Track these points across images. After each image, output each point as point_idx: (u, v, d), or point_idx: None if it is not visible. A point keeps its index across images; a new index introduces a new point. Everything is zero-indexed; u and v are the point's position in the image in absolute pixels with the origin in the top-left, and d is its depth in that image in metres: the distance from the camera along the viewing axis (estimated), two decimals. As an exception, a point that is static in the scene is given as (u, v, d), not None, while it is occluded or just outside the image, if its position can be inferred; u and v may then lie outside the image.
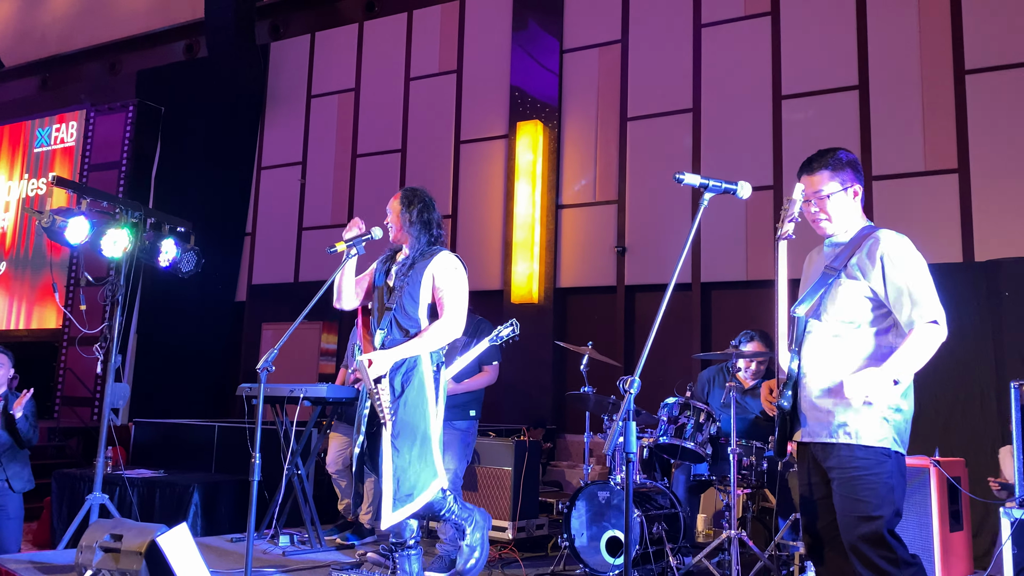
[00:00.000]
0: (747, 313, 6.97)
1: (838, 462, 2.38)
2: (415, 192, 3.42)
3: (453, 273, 3.27)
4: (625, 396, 2.02)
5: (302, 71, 9.78)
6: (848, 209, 2.54)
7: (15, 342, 10.40)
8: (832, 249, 2.57)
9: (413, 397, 3.10)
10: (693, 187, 2.19)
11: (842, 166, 2.54)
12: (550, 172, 7.95)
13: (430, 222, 3.36)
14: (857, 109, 6.85)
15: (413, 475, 3.02)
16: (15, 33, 12.16)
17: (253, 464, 2.75)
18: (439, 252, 3.30)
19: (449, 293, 3.23)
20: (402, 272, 3.29)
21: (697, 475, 3.91)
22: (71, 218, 3.99)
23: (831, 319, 2.45)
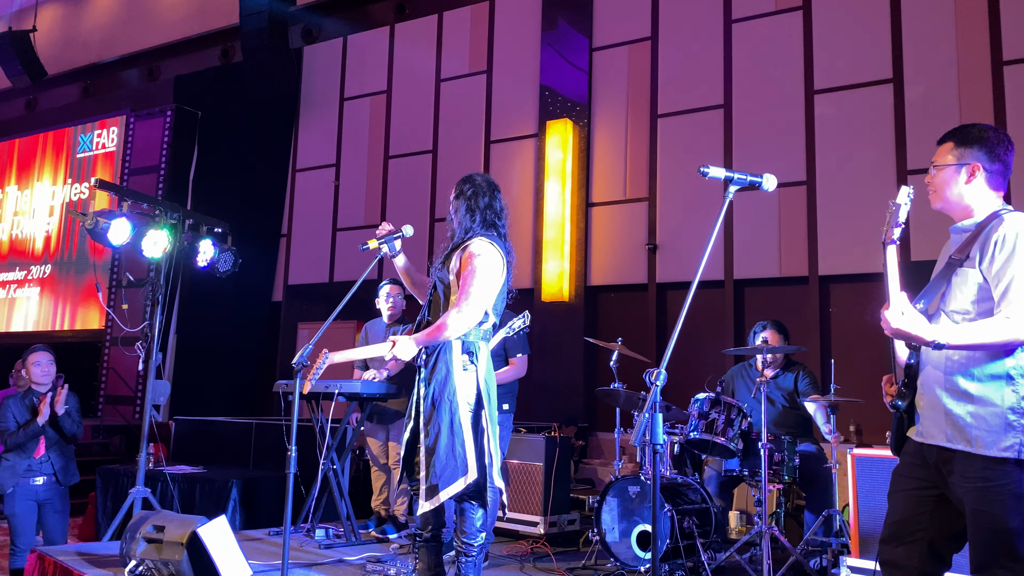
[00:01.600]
0: (780, 309, 6.92)
1: (960, 470, 2.21)
2: (468, 177, 3.34)
3: (478, 257, 3.11)
4: (651, 389, 2.01)
5: (335, 74, 9.90)
6: (959, 189, 2.36)
7: (60, 343, 10.68)
8: (959, 236, 2.39)
9: (440, 385, 3.08)
10: (718, 180, 2.18)
11: (969, 142, 2.37)
12: (580, 170, 7.97)
13: (479, 208, 3.25)
14: (892, 102, 6.76)
15: (439, 467, 3.02)
16: (58, 42, 12.48)
17: (289, 457, 2.82)
18: (477, 236, 3.19)
19: (468, 277, 3.10)
20: (442, 256, 3.24)
21: (728, 471, 3.90)
22: (113, 220, 4.12)
23: (949, 311, 2.30)
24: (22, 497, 4.19)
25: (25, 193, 11.93)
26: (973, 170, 2.34)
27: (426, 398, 3.10)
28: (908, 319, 2.14)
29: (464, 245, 3.18)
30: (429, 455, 3.04)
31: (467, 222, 3.23)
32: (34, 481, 4.23)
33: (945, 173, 2.37)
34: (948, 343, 2.16)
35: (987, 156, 2.34)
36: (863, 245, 6.62)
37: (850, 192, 6.75)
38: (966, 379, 2.22)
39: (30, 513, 4.21)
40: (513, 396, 4.19)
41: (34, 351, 4.44)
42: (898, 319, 2.14)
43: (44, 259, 11.30)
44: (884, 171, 6.63)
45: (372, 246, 3.23)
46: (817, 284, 6.91)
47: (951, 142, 2.40)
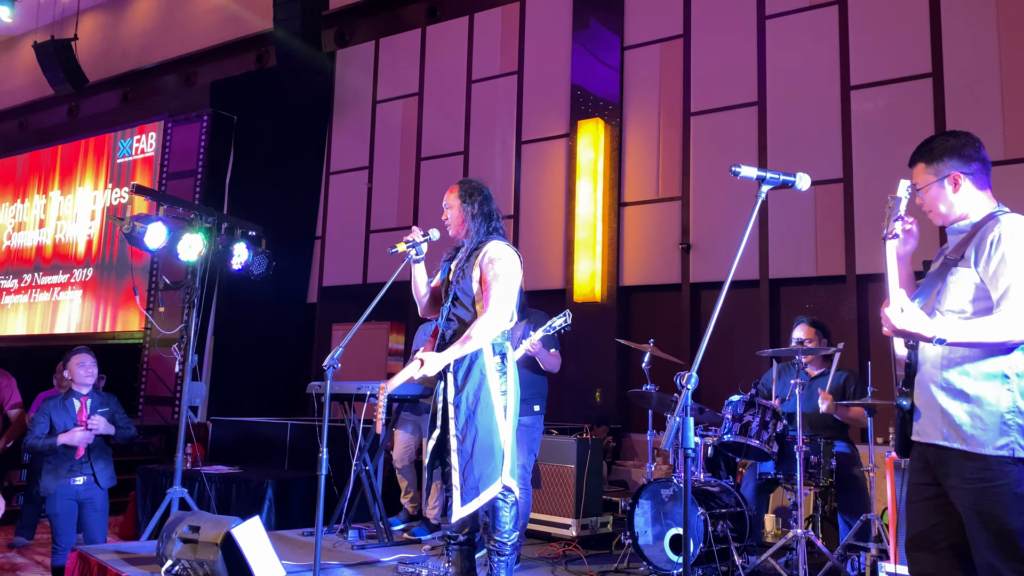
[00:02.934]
0: (816, 309, 6.82)
1: (957, 471, 2.19)
2: (473, 184, 3.34)
3: (498, 262, 3.14)
4: (682, 391, 1.99)
5: (367, 77, 9.98)
6: (950, 200, 2.37)
7: (101, 344, 10.91)
8: (955, 237, 2.40)
9: (475, 390, 3.08)
10: (750, 179, 2.15)
11: (938, 155, 2.40)
12: (612, 170, 7.92)
13: (491, 214, 3.28)
14: (931, 97, 6.61)
15: (478, 469, 3.01)
16: (99, 50, 12.75)
17: (320, 458, 2.84)
18: (490, 240, 3.21)
19: (492, 282, 3.12)
20: (459, 265, 3.24)
21: (763, 474, 3.84)
22: (150, 224, 4.18)
23: (944, 310, 2.31)
24: (63, 497, 4.24)
25: (68, 198, 12.21)
26: (955, 179, 2.37)
27: (459, 403, 3.10)
28: (908, 316, 2.14)
29: (481, 251, 3.20)
30: (466, 459, 3.04)
31: (481, 228, 3.26)
32: (75, 481, 4.27)
33: (931, 191, 2.41)
34: (949, 339, 2.16)
35: (961, 161, 2.37)
36: (902, 243, 6.48)
37: (888, 189, 6.57)
38: (962, 377, 2.22)
39: (71, 513, 4.26)
40: (543, 397, 4.18)
41: (77, 352, 4.47)
42: (898, 316, 2.14)
43: (86, 262, 11.55)
44: (924, 167, 6.48)
45: (400, 250, 3.25)
46: (855, 283, 6.79)
47: (921, 163, 2.44)
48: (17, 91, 13.95)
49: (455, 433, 3.07)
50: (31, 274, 12.38)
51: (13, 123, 14.15)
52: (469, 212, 3.28)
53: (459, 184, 3.37)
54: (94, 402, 4.43)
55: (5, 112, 14.17)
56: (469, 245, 3.26)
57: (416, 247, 3.30)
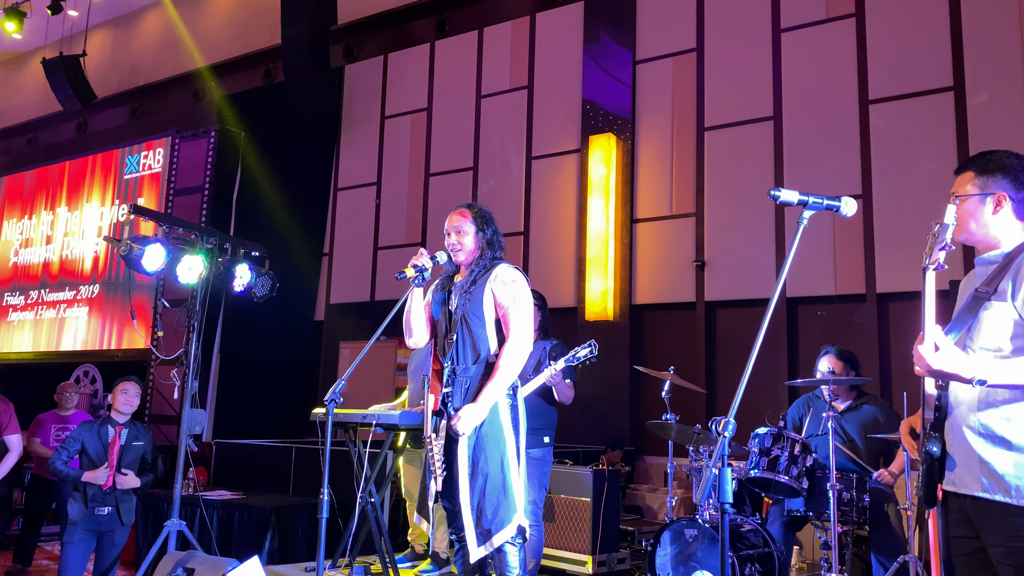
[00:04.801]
0: (836, 329, 6.64)
1: (999, 527, 1.99)
2: (486, 211, 3.24)
3: (513, 285, 3.06)
4: (719, 440, 1.80)
5: (376, 92, 9.88)
6: (985, 220, 2.19)
7: (107, 362, 10.80)
8: (984, 268, 2.24)
9: (486, 428, 2.94)
10: (790, 204, 1.98)
11: (991, 170, 2.21)
12: (624, 186, 7.77)
13: (500, 243, 3.20)
14: (953, 111, 6.44)
15: (491, 509, 2.86)
16: (108, 66, 12.73)
17: (321, 500, 2.67)
18: (497, 264, 3.12)
19: (513, 308, 3.03)
20: (463, 291, 3.09)
21: (792, 511, 3.63)
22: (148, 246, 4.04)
23: (977, 348, 2.12)
24: (84, 528, 4.12)
25: (75, 214, 12.14)
26: (999, 200, 2.19)
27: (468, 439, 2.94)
28: (944, 356, 1.95)
29: (491, 275, 3.08)
30: (479, 498, 2.88)
31: (489, 253, 3.16)
32: (99, 511, 4.15)
33: (968, 204, 2.21)
34: (990, 381, 1.96)
35: (1012, 184, 2.20)
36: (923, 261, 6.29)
37: (908, 206, 6.44)
38: (1004, 423, 2.01)
39: (87, 543, 4.14)
40: (553, 428, 4.00)
41: (124, 379, 4.40)
42: (933, 356, 1.95)
43: (92, 279, 11.46)
44: (945, 184, 6.25)
45: (409, 274, 3.10)
46: (875, 302, 6.60)
47: (971, 171, 2.25)
48: (26, 107, 13.94)
49: (465, 471, 2.92)
50: (37, 291, 12.30)
51: (22, 139, 14.13)
52: (483, 240, 3.17)
53: (470, 208, 3.24)
54: (130, 433, 4.33)
55: (14, 128, 14.16)
56: (475, 271, 3.14)
57: (424, 272, 3.14)
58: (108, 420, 4.30)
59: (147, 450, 4.42)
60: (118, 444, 4.23)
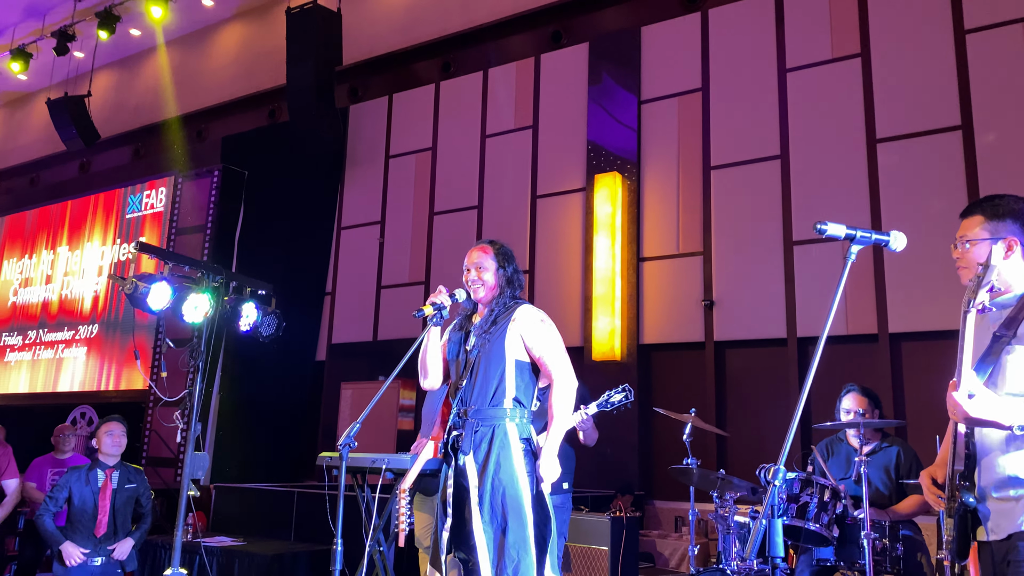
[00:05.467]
0: (848, 369, 6.52)
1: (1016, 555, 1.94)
2: (507, 249, 3.16)
3: (543, 325, 2.99)
4: (768, 488, 1.68)
5: (380, 132, 9.89)
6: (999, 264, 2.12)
7: (104, 403, 10.62)
8: (999, 312, 2.20)
9: (502, 476, 2.80)
10: (838, 239, 1.91)
11: (1001, 215, 2.22)
12: (630, 224, 7.72)
13: (521, 282, 3.12)
14: (962, 150, 6.43)
15: (512, 565, 2.72)
16: (111, 106, 12.78)
17: (334, 552, 2.53)
18: (520, 305, 3.01)
19: (549, 350, 2.97)
20: (483, 332, 2.98)
21: (822, 560, 3.48)
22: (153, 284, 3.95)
23: (1004, 392, 2.05)
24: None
25: (76, 253, 12.07)
26: (1010, 245, 2.20)
27: (483, 488, 2.80)
28: (982, 403, 1.91)
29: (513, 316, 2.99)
30: (498, 555, 2.74)
31: (509, 291, 3.08)
32: (93, 562, 3.95)
33: (979, 248, 2.22)
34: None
35: (1022, 229, 2.22)
36: (936, 300, 6.22)
37: (919, 245, 6.34)
38: None
39: None
40: (572, 473, 3.87)
41: (108, 420, 4.24)
42: (969, 404, 1.91)
43: (91, 319, 11.35)
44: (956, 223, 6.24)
45: (428, 312, 2.99)
46: (887, 342, 6.51)
47: (979, 215, 2.27)
48: (29, 147, 13.96)
49: (480, 526, 2.77)
50: (36, 331, 12.17)
51: (24, 179, 14.12)
52: (504, 277, 3.08)
53: (492, 245, 3.15)
54: (121, 475, 4.14)
55: (17, 168, 14.16)
56: (496, 310, 3.03)
57: (443, 310, 3.04)
58: (97, 464, 4.12)
59: (140, 492, 4.23)
60: (110, 488, 4.05)
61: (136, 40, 12.44)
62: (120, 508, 4.10)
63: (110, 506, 4.05)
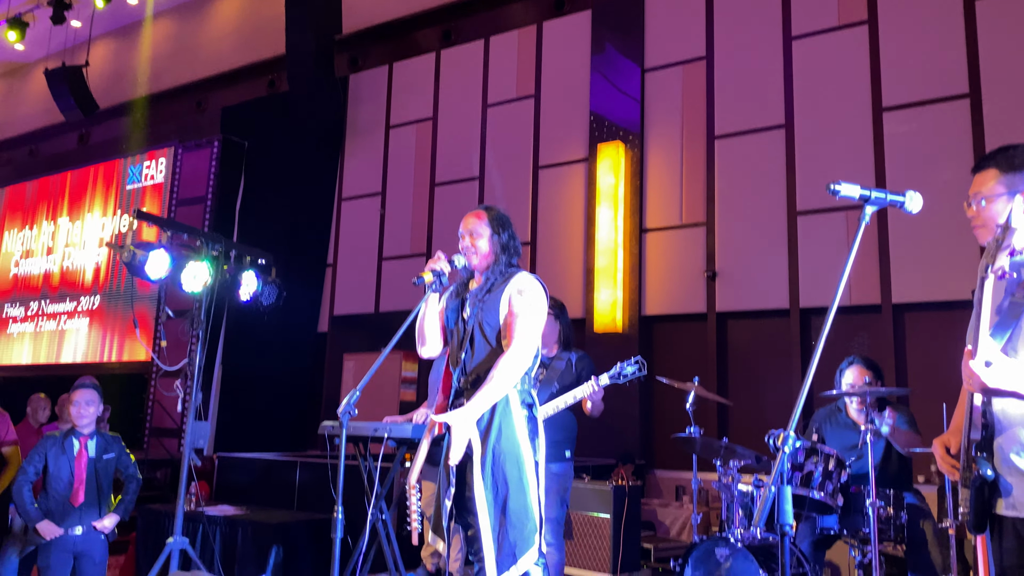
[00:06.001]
0: (850, 341, 6.50)
1: None
2: (504, 215, 3.07)
3: (528, 294, 2.88)
4: (778, 455, 1.64)
5: (380, 102, 9.79)
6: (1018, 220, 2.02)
7: (108, 375, 10.65)
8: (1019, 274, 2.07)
9: (504, 444, 2.77)
10: (852, 200, 1.83)
11: (1016, 166, 2.06)
12: (633, 195, 7.66)
13: (517, 249, 3.03)
14: (969, 119, 6.34)
15: (513, 534, 2.69)
16: (110, 76, 12.65)
17: (335, 519, 2.52)
18: (517, 272, 2.95)
19: (519, 316, 2.85)
20: (478, 300, 2.93)
21: (825, 529, 3.47)
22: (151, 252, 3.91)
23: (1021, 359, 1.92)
24: (58, 548, 3.83)
25: (76, 225, 12.03)
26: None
27: (484, 458, 2.77)
28: (1000, 372, 1.80)
29: (508, 283, 2.92)
30: (498, 522, 2.71)
31: (504, 258, 3.00)
32: (72, 531, 3.85)
33: (996, 205, 2.09)
34: None
35: None
36: (940, 271, 6.18)
37: (925, 215, 6.28)
38: None
39: (64, 567, 3.83)
40: (574, 441, 3.85)
41: (76, 388, 4.04)
42: (987, 372, 1.80)
43: (93, 290, 11.34)
44: (963, 191, 6.18)
45: (427, 279, 2.94)
46: (891, 313, 6.48)
47: (994, 168, 2.11)
48: (28, 118, 13.86)
49: (482, 493, 2.74)
50: (38, 302, 12.17)
51: (23, 150, 14.04)
52: (499, 244, 3.00)
53: (487, 211, 3.07)
54: (97, 444, 4.01)
55: (16, 139, 14.07)
56: (492, 279, 2.96)
57: (442, 276, 2.98)
58: (71, 432, 3.97)
59: (120, 459, 4.09)
60: (85, 457, 3.92)
61: (133, 9, 12.28)
62: (99, 477, 3.97)
63: (87, 475, 3.93)
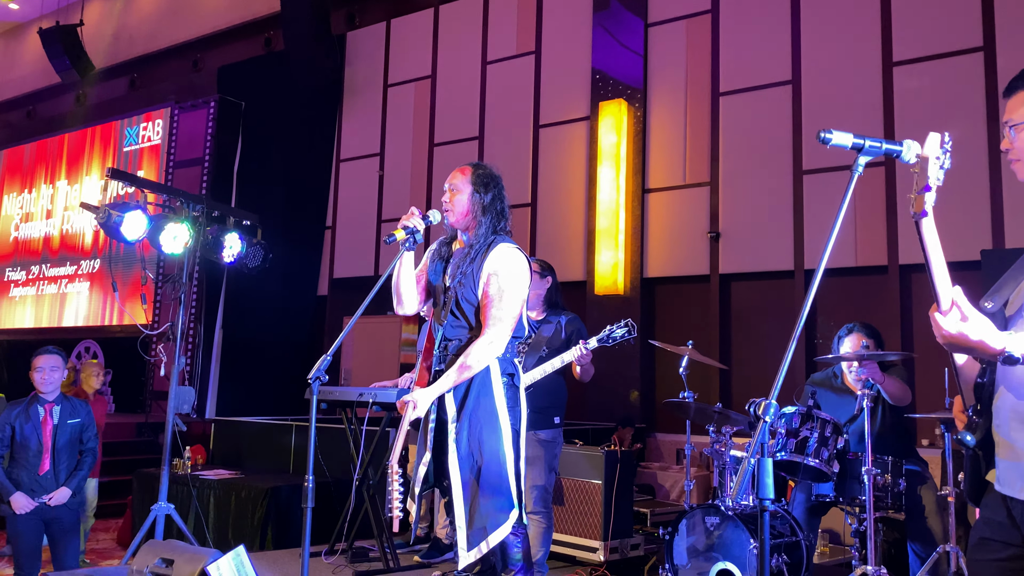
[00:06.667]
0: (856, 303, 6.37)
1: None
2: (490, 172, 2.89)
3: (505, 276, 2.71)
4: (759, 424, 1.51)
5: (378, 60, 9.58)
6: None
7: (109, 338, 10.64)
8: None
9: (480, 413, 2.68)
10: (844, 148, 1.67)
11: None
12: (635, 154, 7.48)
13: (503, 211, 2.84)
14: (982, 73, 6.12)
15: (485, 507, 2.61)
16: (106, 36, 12.44)
17: (306, 489, 2.44)
18: (498, 243, 2.77)
19: (495, 299, 2.70)
20: (461, 266, 2.79)
21: (820, 496, 3.37)
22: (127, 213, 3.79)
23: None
24: (26, 516, 3.76)
25: (75, 187, 11.92)
26: None
27: (460, 426, 2.67)
28: (964, 321, 1.54)
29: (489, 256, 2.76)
30: (470, 494, 2.62)
31: (488, 227, 2.82)
32: (39, 498, 3.78)
33: None
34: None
35: None
36: (951, 230, 6.00)
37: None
38: None
39: (35, 533, 3.78)
40: (563, 407, 3.75)
41: (42, 353, 3.91)
42: (949, 322, 1.55)
43: (93, 254, 11.28)
44: (974, 149, 6.00)
45: (399, 237, 2.81)
46: (898, 274, 6.33)
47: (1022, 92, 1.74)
48: (24, 79, 13.68)
49: (455, 462, 2.65)
50: (39, 266, 12.12)
51: (20, 112, 13.89)
52: (479, 204, 2.82)
53: (473, 167, 2.91)
54: (63, 410, 3.90)
55: (13, 101, 13.92)
56: (475, 245, 2.81)
57: (416, 233, 2.83)
58: (36, 399, 3.88)
59: (85, 426, 3.98)
60: (50, 423, 3.83)
61: (127, -35, 12.02)
62: (64, 445, 3.89)
63: (51, 442, 3.85)
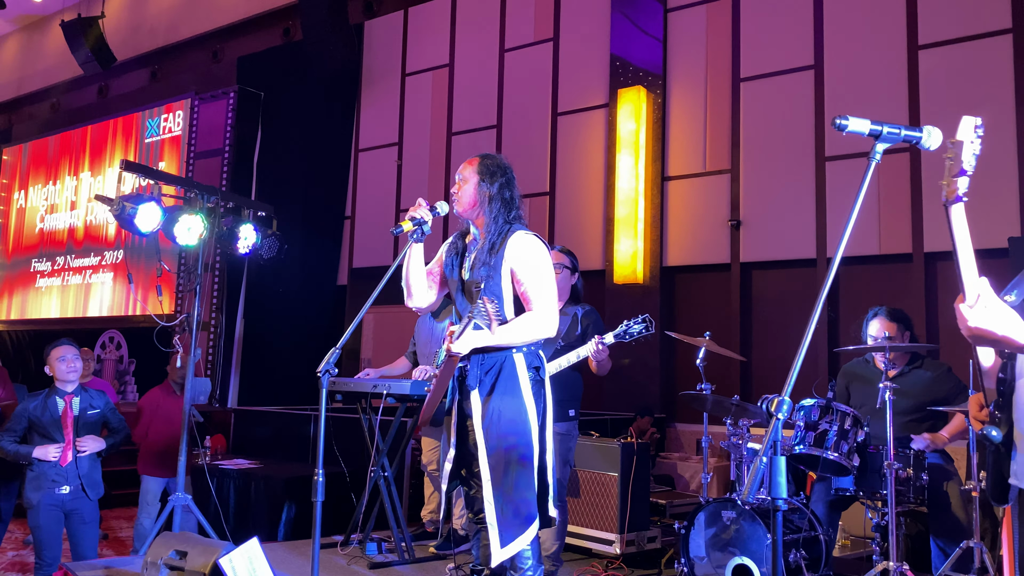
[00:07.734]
0: (880, 291, 6.27)
1: None
2: (497, 162, 2.82)
3: (534, 260, 2.69)
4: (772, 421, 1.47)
5: (396, 49, 9.54)
6: None
7: (133, 328, 10.75)
8: None
9: (506, 405, 2.62)
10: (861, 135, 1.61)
11: None
12: (655, 142, 7.40)
13: (512, 200, 2.78)
14: (1011, 55, 5.97)
15: (517, 499, 2.55)
16: (127, 27, 12.51)
17: (316, 482, 2.43)
18: (515, 232, 2.74)
19: (534, 285, 2.67)
20: (481, 261, 2.74)
21: (840, 490, 3.30)
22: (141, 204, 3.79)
23: None
24: (47, 507, 3.76)
25: (98, 179, 12.05)
26: None
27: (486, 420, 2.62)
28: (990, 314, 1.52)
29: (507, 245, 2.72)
30: (502, 491, 2.56)
31: (499, 216, 2.77)
32: (60, 490, 3.77)
33: None
34: None
35: None
36: (977, 217, 5.87)
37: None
38: None
39: (56, 524, 3.78)
40: (578, 400, 3.71)
41: (58, 345, 3.88)
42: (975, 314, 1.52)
43: (116, 244, 11.39)
44: (1003, 134, 5.86)
45: (407, 228, 2.77)
46: (923, 262, 6.21)
47: None
48: (48, 72, 13.81)
49: (484, 457, 2.60)
50: (64, 256, 12.28)
51: (45, 104, 14.03)
52: (485, 194, 2.76)
53: (480, 158, 2.85)
54: (83, 401, 3.88)
55: (37, 93, 14.06)
56: (489, 236, 2.75)
57: (423, 225, 2.78)
58: (55, 391, 3.85)
59: (107, 414, 3.98)
60: (71, 415, 3.81)
61: (147, -43, 12.06)
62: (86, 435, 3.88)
63: (72, 435, 3.83)
